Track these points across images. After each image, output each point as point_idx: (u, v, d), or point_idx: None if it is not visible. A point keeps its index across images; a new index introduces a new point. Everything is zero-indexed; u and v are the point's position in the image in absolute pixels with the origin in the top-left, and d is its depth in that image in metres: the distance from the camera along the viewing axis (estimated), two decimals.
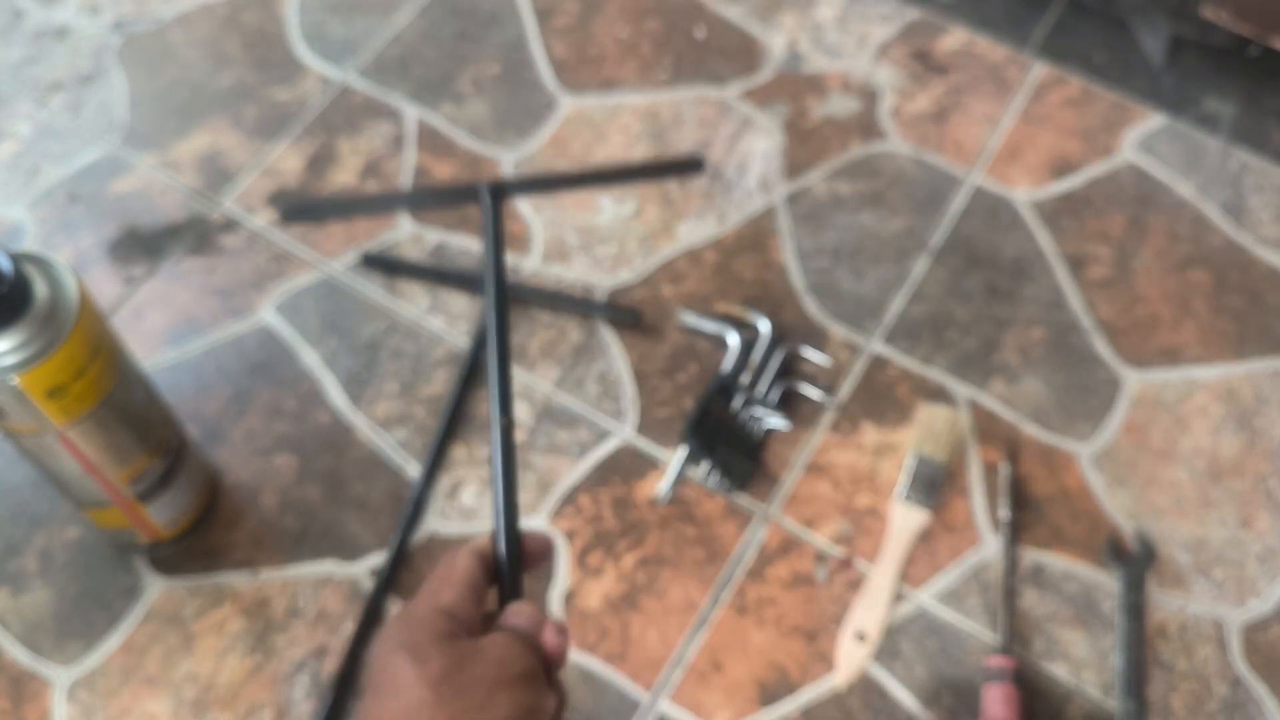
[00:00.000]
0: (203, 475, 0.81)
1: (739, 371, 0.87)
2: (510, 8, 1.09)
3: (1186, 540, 0.82)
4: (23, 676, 0.77)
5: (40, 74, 1.05)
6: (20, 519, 0.83)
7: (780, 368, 0.88)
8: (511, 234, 0.94)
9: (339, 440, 0.86)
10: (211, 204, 0.97)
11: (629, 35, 1.07)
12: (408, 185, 0.98)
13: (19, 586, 0.80)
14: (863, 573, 0.81)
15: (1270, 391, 0.88)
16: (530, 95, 1.03)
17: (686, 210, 0.96)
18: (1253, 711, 0.76)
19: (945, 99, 1.03)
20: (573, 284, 0.92)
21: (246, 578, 0.81)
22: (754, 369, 0.87)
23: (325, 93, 1.03)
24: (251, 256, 0.94)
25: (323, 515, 0.83)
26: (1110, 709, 0.76)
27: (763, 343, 0.89)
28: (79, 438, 0.68)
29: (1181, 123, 1.02)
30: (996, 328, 0.91)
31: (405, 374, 0.88)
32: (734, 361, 0.87)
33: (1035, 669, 0.78)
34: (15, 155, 1.00)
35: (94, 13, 1.08)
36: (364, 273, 0.93)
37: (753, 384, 0.87)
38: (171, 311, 0.91)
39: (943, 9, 1.09)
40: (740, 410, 0.86)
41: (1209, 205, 0.97)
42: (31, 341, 0.62)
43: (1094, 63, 1.05)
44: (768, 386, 0.87)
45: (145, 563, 0.81)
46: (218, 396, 0.87)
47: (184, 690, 0.77)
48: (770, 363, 0.88)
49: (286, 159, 0.99)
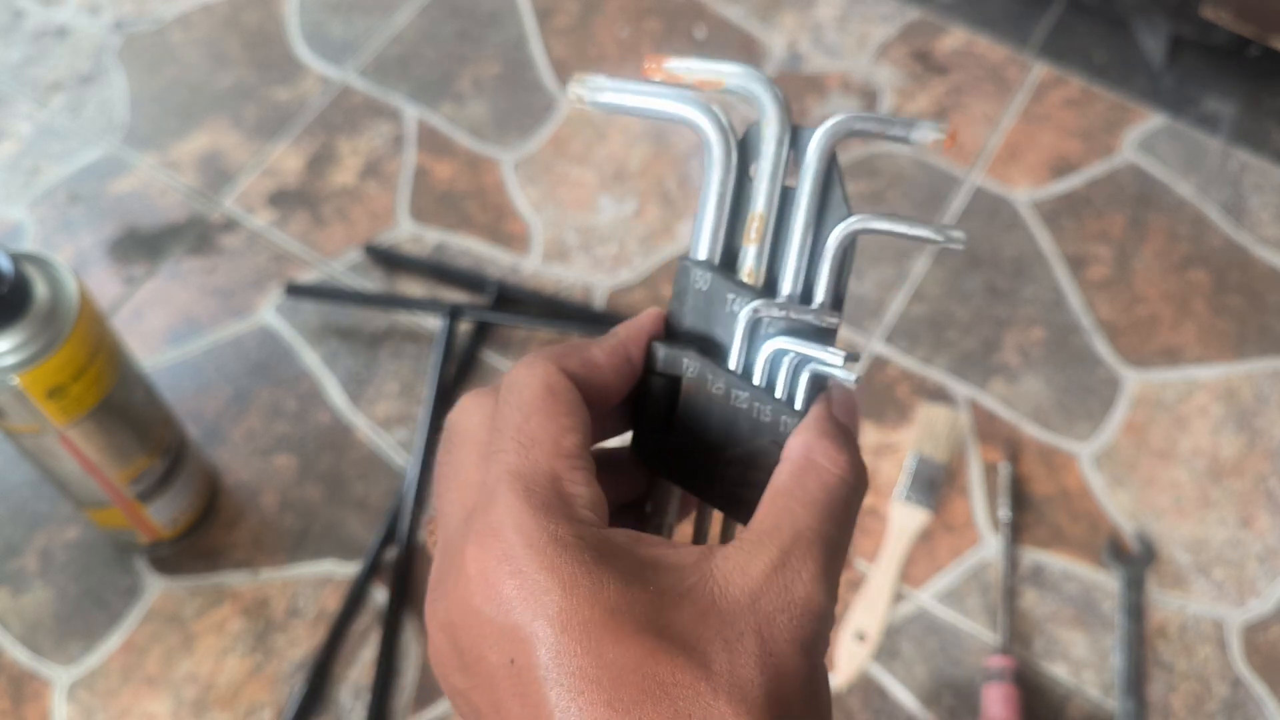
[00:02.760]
0: (203, 475, 0.81)
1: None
2: (510, 8, 1.09)
3: (1186, 540, 0.82)
4: (23, 676, 0.77)
5: (40, 74, 1.04)
6: (20, 519, 0.83)
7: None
8: (512, 234, 0.94)
9: (339, 440, 0.86)
10: (211, 204, 0.97)
11: (629, 35, 1.07)
12: (408, 185, 0.98)
13: (19, 586, 0.80)
14: (863, 573, 0.81)
15: (1270, 391, 0.88)
16: (530, 95, 1.03)
17: (687, 210, 0.96)
18: (1253, 711, 0.76)
19: (945, 99, 1.03)
20: (572, 284, 0.92)
21: (246, 578, 0.81)
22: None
23: (325, 93, 1.03)
24: (251, 256, 0.94)
25: (323, 515, 0.83)
26: (1110, 709, 0.76)
27: None
28: (79, 438, 0.68)
29: (1181, 123, 1.02)
30: (996, 327, 0.91)
31: (405, 374, 0.88)
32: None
33: (1035, 669, 0.78)
34: (15, 155, 1.00)
35: (94, 13, 1.08)
36: (364, 272, 0.93)
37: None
38: (171, 311, 0.91)
39: (943, 9, 1.09)
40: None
41: (1209, 205, 0.97)
42: (31, 341, 0.62)
43: (1094, 63, 1.05)
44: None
45: (145, 563, 0.81)
46: (218, 396, 0.87)
47: (184, 690, 0.77)
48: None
49: (286, 159, 0.99)
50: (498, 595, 0.25)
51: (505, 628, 0.25)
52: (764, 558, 0.26)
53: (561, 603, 0.24)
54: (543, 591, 0.25)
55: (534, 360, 0.29)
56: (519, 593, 0.25)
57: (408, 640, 0.78)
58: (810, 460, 0.29)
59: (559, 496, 0.26)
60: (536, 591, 0.25)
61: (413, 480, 0.82)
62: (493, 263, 0.93)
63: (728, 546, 0.27)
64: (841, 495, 0.28)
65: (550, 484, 0.27)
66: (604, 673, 0.24)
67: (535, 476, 0.27)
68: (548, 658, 0.24)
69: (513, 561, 0.25)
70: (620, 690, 0.24)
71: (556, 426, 0.28)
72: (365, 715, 0.75)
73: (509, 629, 0.25)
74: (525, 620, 0.25)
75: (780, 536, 0.27)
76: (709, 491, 0.33)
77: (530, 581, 0.25)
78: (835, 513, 0.28)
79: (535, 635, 0.24)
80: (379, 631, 0.78)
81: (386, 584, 0.79)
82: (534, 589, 0.25)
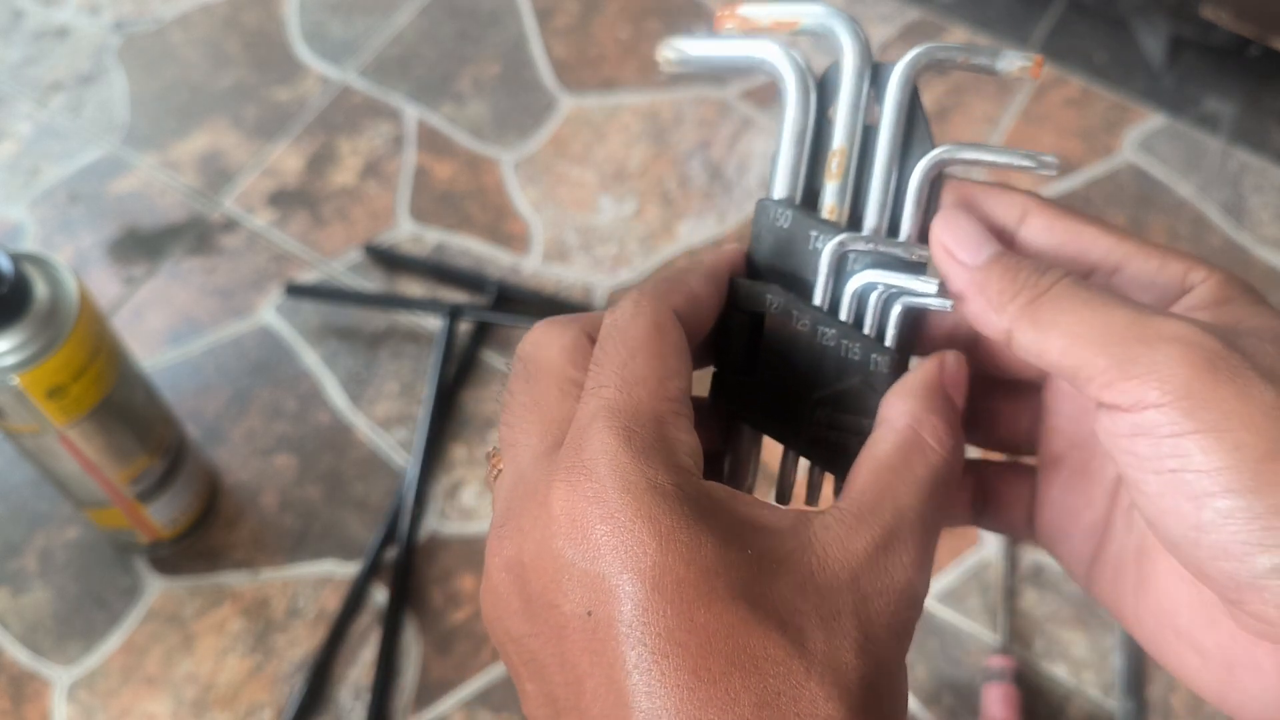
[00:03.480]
0: (203, 475, 0.81)
1: None
2: (510, 8, 1.09)
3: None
4: (23, 676, 0.77)
5: (40, 74, 1.05)
6: (20, 519, 0.83)
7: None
8: (511, 234, 0.94)
9: (339, 440, 0.86)
10: (211, 204, 0.97)
11: (629, 35, 1.07)
12: (408, 185, 0.98)
13: (19, 586, 0.80)
14: None
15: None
16: (530, 95, 1.03)
17: (687, 210, 0.96)
18: None
19: (945, 99, 1.03)
20: (572, 284, 0.92)
21: (246, 578, 0.81)
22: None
23: (325, 93, 1.03)
24: (251, 256, 0.94)
25: (323, 515, 0.83)
26: (1110, 709, 0.76)
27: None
28: (79, 438, 0.68)
29: (1181, 123, 1.02)
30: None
31: (405, 374, 0.88)
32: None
33: (1035, 669, 0.78)
34: (15, 155, 1.00)
35: (94, 13, 1.08)
36: (364, 272, 0.93)
37: None
38: (171, 311, 0.91)
39: (943, 9, 1.09)
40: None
41: (1209, 205, 0.97)
42: (31, 341, 0.62)
43: (1094, 63, 1.05)
44: None
45: (145, 563, 0.81)
46: (218, 396, 0.87)
47: (184, 690, 0.77)
48: None
49: (286, 159, 0.99)
50: (585, 540, 0.23)
51: (588, 575, 0.23)
52: (867, 535, 0.25)
53: (656, 557, 0.23)
54: (636, 543, 0.23)
55: (640, 297, 0.28)
56: (610, 540, 0.23)
57: (408, 640, 0.78)
58: (917, 437, 0.27)
59: (661, 440, 0.24)
60: (630, 542, 0.23)
61: (413, 480, 0.82)
62: (493, 263, 0.93)
63: (826, 515, 0.25)
64: (944, 479, 0.27)
65: (654, 426, 0.25)
66: (692, 638, 0.22)
67: (637, 417, 0.25)
68: (632, 614, 0.22)
69: (605, 505, 0.23)
70: (708, 658, 0.22)
71: (664, 368, 0.26)
72: (365, 715, 0.75)
73: (593, 578, 0.23)
74: (613, 571, 0.23)
75: (883, 515, 0.26)
76: (795, 437, 0.31)
77: (623, 530, 0.23)
78: (936, 496, 0.27)
79: (621, 589, 0.23)
80: (379, 631, 0.78)
81: (386, 584, 0.79)
82: (627, 538, 0.23)
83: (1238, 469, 0.24)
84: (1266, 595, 0.25)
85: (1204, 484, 0.24)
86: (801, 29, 0.32)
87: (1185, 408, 0.25)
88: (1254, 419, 0.24)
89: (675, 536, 0.23)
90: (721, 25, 0.33)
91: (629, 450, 0.24)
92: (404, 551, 0.80)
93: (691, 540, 0.23)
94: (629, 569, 0.23)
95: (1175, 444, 0.25)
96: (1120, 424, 0.26)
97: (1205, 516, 0.25)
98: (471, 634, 0.78)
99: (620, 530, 0.23)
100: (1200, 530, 0.25)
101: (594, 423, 0.25)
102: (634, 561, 0.23)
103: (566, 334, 0.28)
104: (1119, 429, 0.26)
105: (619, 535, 0.23)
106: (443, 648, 0.78)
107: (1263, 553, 0.24)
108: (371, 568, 0.80)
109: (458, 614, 0.79)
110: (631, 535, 0.23)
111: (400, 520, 0.81)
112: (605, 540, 0.23)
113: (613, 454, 0.24)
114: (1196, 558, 0.26)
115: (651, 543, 0.23)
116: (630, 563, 0.23)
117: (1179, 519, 0.25)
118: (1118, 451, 0.27)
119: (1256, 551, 0.24)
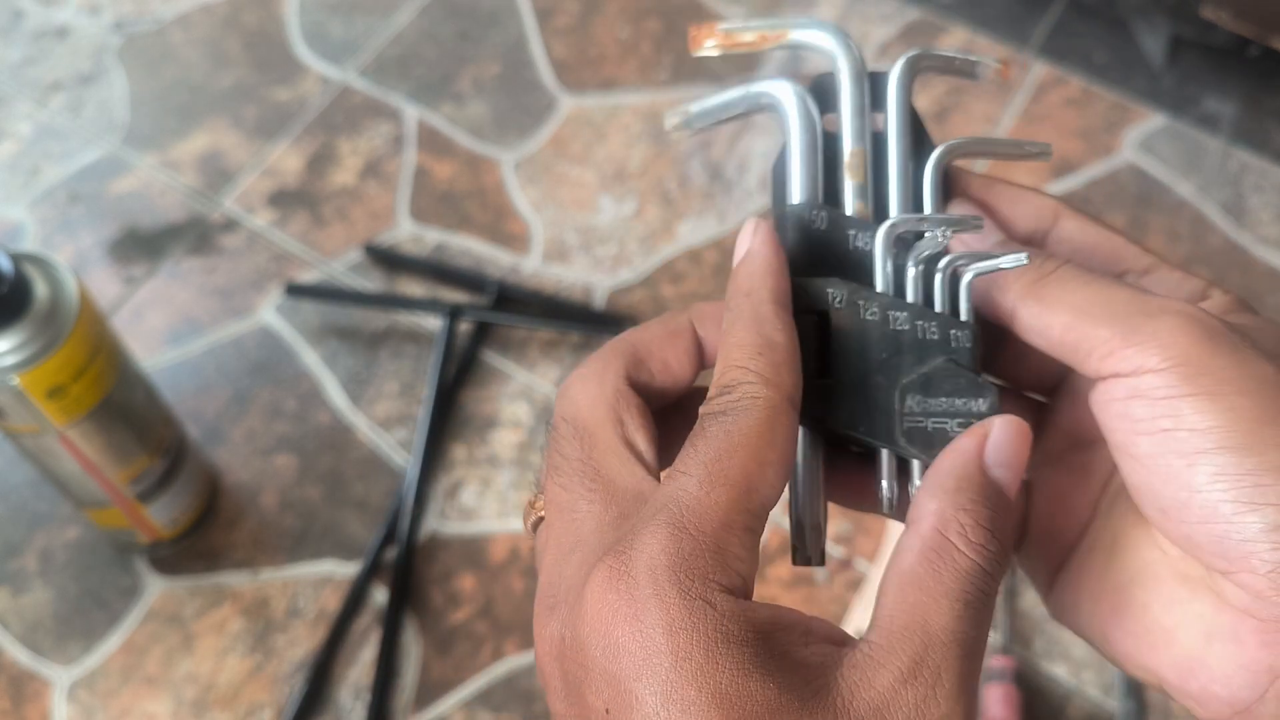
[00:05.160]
0: (203, 475, 0.81)
1: None
2: (510, 8, 1.09)
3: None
4: (23, 676, 0.77)
5: (40, 74, 1.05)
6: (20, 519, 0.83)
7: None
8: (512, 234, 0.94)
9: (339, 440, 0.86)
10: (211, 204, 0.97)
11: (629, 35, 1.07)
12: (408, 185, 0.98)
13: (19, 586, 0.80)
14: (863, 573, 0.81)
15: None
16: (530, 95, 1.03)
17: (687, 210, 0.96)
18: None
19: (945, 99, 1.03)
20: (572, 284, 0.92)
21: (246, 578, 0.81)
22: None
23: (325, 93, 1.03)
24: (251, 256, 0.94)
25: (323, 515, 0.83)
26: (1110, 709, 0.76)
27: None
28: (79, 438, 0.68)
29: (1181, 123, 1.02)
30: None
31: (405, 374, 0.88)
32: None
33: (1035, 669, 0.78)
34: (15, 155, 1.00)
35: (94, 13, 1.08)
36: (364, 272, 0.93)
37: None
38: (171, 311, 0.91)
39: (943, 9, 1.09)
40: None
41: (1209, 205, 0.97)
42: (31, 341, 0.62)
43: (1094, 63, 1.05)
44: None
45: (145, 563, 0.81)
46: (218, 396, 0.87)
47: (184, 690, 0.77)
48: None
49: (286, 159, 0.99)
50: (608, 638, 0.23)
51: (608, 674, 0.23)
52: (892, 668, 0.24)
53: (669, 674, 0.22)
54: (655, 652, 0.22)
55: (760, 386, 0.26)
56: (630, 643, 0.23)
57: (408, 640, 0.78)
58: (943, 542, 0.25)
59: (717, 552, 0.24)
60: (649, 650, 0.22)
61: (413, 480, 0.82)
62: (493, 263, 0.93)
63: (856, 650, 0.24)
64: (981, 586, 0.25)
65: (717, 536, 0.24)
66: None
67: (703, 523, 0.24)
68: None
69: (634, 605, 0.23)
70: None
71: (759, 476, 0.25)
72: (365, 715, 0.75)
73: (611, 677, 0.23)
74: (629, 675, 0.23)
75: (910, 642, 0.24)
76: (889, 433, 0.30)
77: (643, 635, 0.23)
78: (973, 607, 0.25)
79: (635, 694, 0.22)
80: (379, 631, 0.78)
81: (386, 584, 0.79)
82: (646, 645, 0.23)
83: (1230, 428, 0.24)
84: (1254, 562, 0.24)
85: (1196, 441, 0.25)
86: (790, 42, 0.32)
87: (1183, 373, 0.25)
88: (1249, 386, 0.25)
89: (690, 655, 0.22)
90: (699, 45, 0.32)
91: (676, 557, 0.23)
92: (404, 551, 0.80)
93: (706, 663, 0.22)
94: (643, 677, 0.22)
95: (1170, 405, 0.25)
96: (1117, 389, 0.26)
97: (1196, 475, 0.25)
98: (471, 634, 0.78)
99: (640, 635, 0.23)
100: (1190, 490, 0.25)
101: (657, 517, 0.24)
102: (649, 671, 0.22)
103: (606, 387, 0.27)
104: (1115, 393, 0.26)
105: (638, 640, 0.23)
106: (443, 648, 0.78)
107: (1252, 511, 0.24)
108: (371, 568, 0.80)
109: (458, 614, 0.79)
110: (651, 643, 0.23)
111: (400, 520, 0.81)
112: (625, 643, 0.23)
113: (656, 556, 0.23)
114: (1185, 523, 0.26)
115: (667, 658, 0.22)
116: (645, 671, 0.22)
117: (1169, 479, 0.25)
118: (1111, 417, 0.27)
119: (1246, 510, 0.24)
